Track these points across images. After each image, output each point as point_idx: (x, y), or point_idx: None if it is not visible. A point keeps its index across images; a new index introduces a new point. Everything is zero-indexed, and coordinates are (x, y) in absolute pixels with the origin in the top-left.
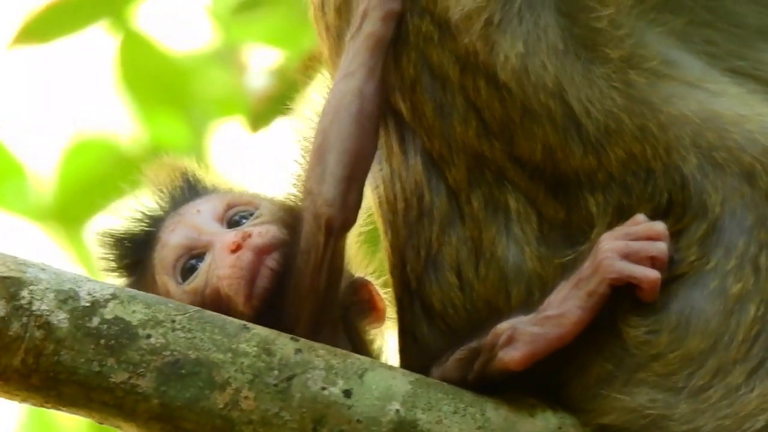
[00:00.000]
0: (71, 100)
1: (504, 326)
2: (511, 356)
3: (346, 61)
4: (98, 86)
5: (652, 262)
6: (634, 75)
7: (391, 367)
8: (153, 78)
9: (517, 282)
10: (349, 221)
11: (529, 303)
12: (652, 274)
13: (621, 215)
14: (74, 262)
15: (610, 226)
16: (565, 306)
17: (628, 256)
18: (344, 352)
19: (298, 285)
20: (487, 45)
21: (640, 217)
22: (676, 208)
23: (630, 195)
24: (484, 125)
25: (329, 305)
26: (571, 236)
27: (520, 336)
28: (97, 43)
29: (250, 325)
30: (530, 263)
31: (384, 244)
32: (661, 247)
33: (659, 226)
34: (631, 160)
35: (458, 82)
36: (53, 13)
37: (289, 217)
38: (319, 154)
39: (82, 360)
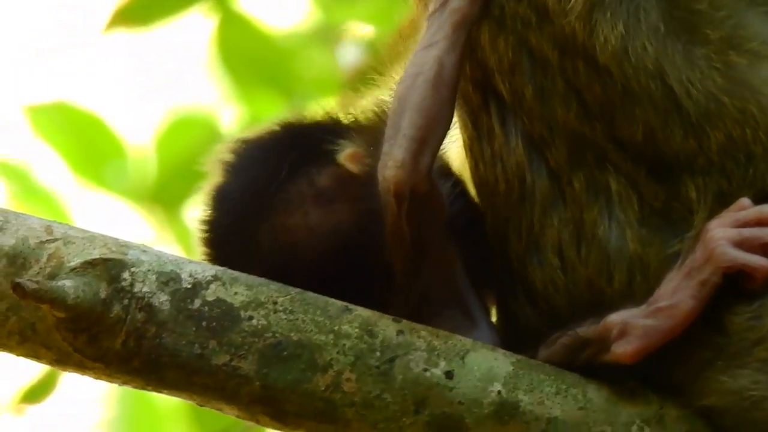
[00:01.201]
0: (171, 82)
1: (615, 319)
2: (624, 350)
3: (429, 33)
4: (197, 68)
5: (764, 249)
6: (734, 56)
7: (493, 348)
8: (252, 58)
9: (619, 264)
10: (419, 186)
11: (632, 286)
12: (766, 263)
13: (722, 201)
14: (173, 243)
15: (711, 212)
16: (677, 297)
17: (741, 244)
18: (446, 333)
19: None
20: (587, 27)
21: (746, 201)
22: None
23: (730, 180)
24: (585, 107)
25: (427, 250)
26: (671, 221)
27: (633, 330)
28: (196, 26)
29: (351, 306)
30: (631, 245)
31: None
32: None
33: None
34: (731, 144)
35: (558, 65)
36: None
37: None
38: (394, 118)
39: (184, 342)
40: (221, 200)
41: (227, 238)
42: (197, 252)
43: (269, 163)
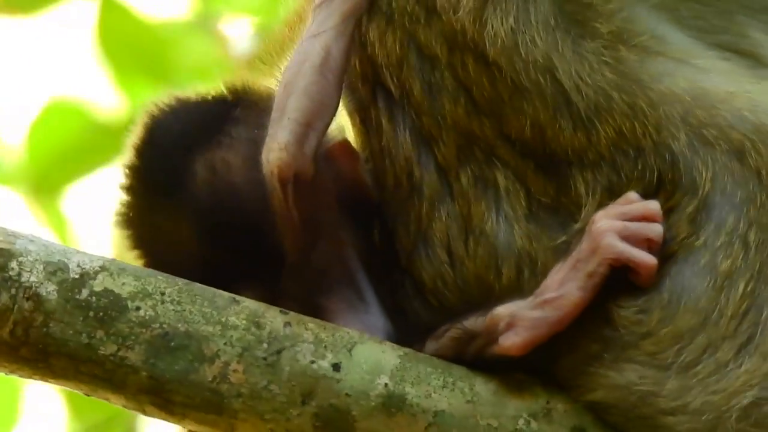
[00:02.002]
0: (51, 70)
1: (503, 312)
2: (512, 342)
3: (316, 22)
4: (78, 56)
5: (649, 244)
6: (624, 51)
7: (380, 341)
8: (132, 46)
9: (507, 259)
10: (304, 170)
11: (520, 281)
12: (651, 260)
13: (611, 195)
14: (50, 230)
15: (599, 206)
16: (564, 288)
17: (627, 238)
18: (333, 326)
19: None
20: (477, 22)
21: (633, 195)
22: (666, 185)
23: (620, 174)
24: (474, 103)
25: (318, 231)
26: (560, 215)
27: (520, 321)
28: (77, 14)
29: (239, 298)
30: (520, 241)
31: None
32: (657, 230)
33: (654, 206)
34: (621, 138)
35: (446, 61)
36: None
37: None
38: (279, 102)
39: (71, 332)
40: (149, 140)
41: (152, 176)
42: (73, 240)
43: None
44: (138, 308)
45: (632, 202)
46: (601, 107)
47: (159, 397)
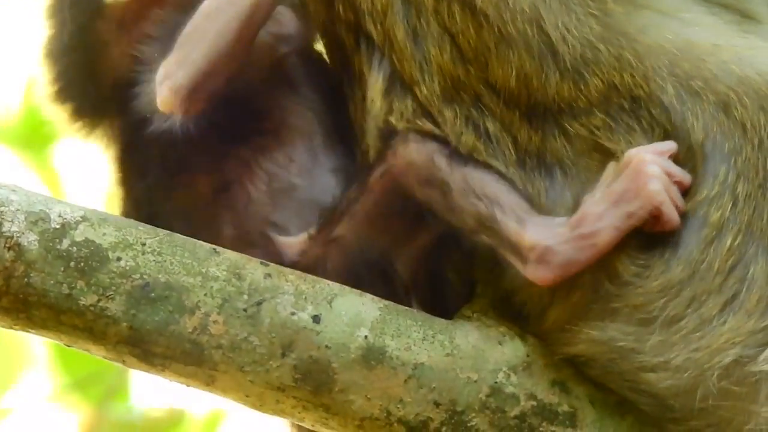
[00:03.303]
0: None
1: (537, 239)
2: (543, 275)
3: None
4: None
5: (680, 187)
6: (611, 3)
7: (360, 294)
8: None
9: None
10: (190, 110)
11: None
12: (677, 220)
13: (598, 148)
14: (41, 184)
15: (586, 155)
16: (601, 223)
17: (665, 178)
18: (314, 278)
19: None
20: None
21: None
22: (662, 135)
23: (615, 122)
24: (459, 51)
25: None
26: (546, 164)
27: (554, 256)
28: None
29: (220, 249)
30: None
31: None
32: (688, 176)
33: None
34: (612, 89)
35: (432, 8)
36: None
37: None
38: (191, 34)
39: (52, 282)
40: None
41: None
42: (64, 195)
43: None
44: (119, 259)
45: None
46: (587, 59)
47: (139, 348)
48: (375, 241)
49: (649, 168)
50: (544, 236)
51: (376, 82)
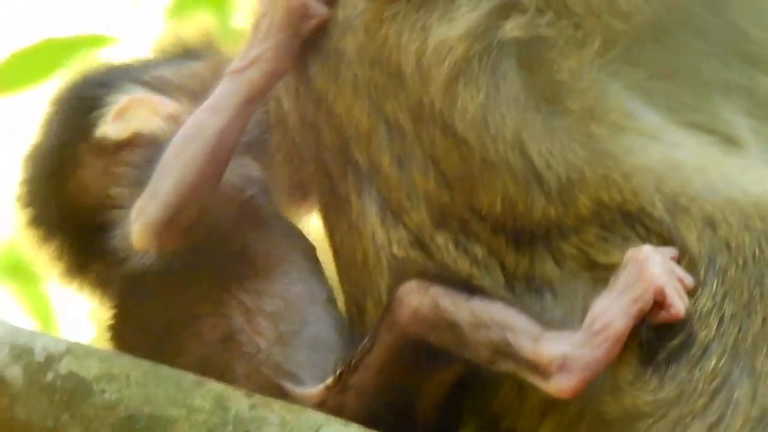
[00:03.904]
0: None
1: (555, 351)
2: (567, 385)
3: (220, 94)
4: None
5: (682, 285)
6: (595, 127)
7: (345, 423)
8: None
9: None
10: (167, 245)
11: None
12: (682, 308)
13: (589, 264)
14: (30, 314)
15: (578, 275)
16: (610, 315)
17: (668, 270)
18: (299, 407)
19: None
20: (447, 96)
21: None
22: (660, 244)
23: (611, 233)
24: (444, 177)
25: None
26: (535, 288)
27: (574, 363)
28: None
29: (204, 380)
30: None
31: (341, 296)
32: (689, 277)
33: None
34: (601, 206)
35: (414, 133)
36: (18, 62)
37: None
38: (159, 173)
39: (37, 415)
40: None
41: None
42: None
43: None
44: (103, 391)
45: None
46: (573, 181)
47: None
48: (393, 387)
49: (650, 256)
50: (560, 347)
51: (369, 213)
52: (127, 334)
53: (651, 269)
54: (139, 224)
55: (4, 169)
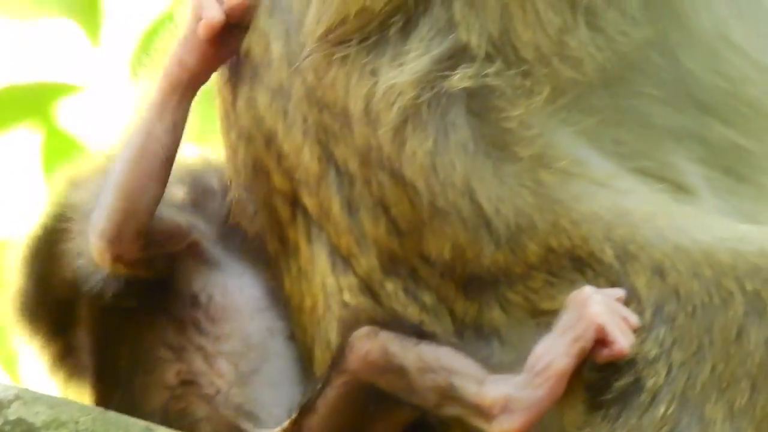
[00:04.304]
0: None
1: (496, 394)
2: (510, 426)
3: (152, 98)
4: (24, 182)
5: (626, 324)
6: (544, 174)
7: None
8: None
9: None
10: (124, 254)
11: None
12: (627, 344)
13: (532, 312)
14: None
15: (521, 324)
16: (550, 355)
17: (609, 308)
18: None
19: None
20: (396, 140)
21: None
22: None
23: (558, 278)
24: (393, 223)
25: None
26: (483, 334)
27: (516, 403)
28: (22, 141)
29: (153, 426)
30: None
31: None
32: (634, 317)
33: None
34: (550, 252)
35: (364, 178)
36: None
37: None
38: (104, 187)
39: None
40: None
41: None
42: None
43: None
44: None
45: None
46: (522, 227)
47: None
48: (345, 430)
49: (591, 296)
50: (503, 389)
51: (319, 259)
52: (96, 384)
53: (591, 308)
54: (93, 238)
55: None
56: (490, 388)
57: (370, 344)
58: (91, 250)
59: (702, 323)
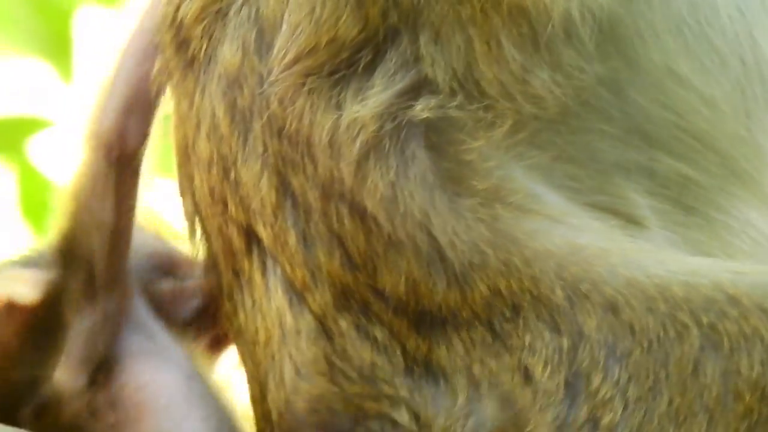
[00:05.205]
0: None
1: None
2: None
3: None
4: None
5: None
6: (500, 208)
7: None
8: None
9: None
10: (128, 149)
11: None
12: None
13: (487, 352)
14: None
15: (473, 366)
16: None
17: None
18: None
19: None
20: (358, 173)
21: None
22: (546, 345)
23: (495, 334)
24: (348, 256)
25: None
26: (434, 373)
27: None
28: None
29: None
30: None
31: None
32: None
33: None
34: (497, 296)
35: (321, 210)
36: None
37: None
38: (104, 88)
39: None
40: None
41: None
42: None
43: None
44: None
45: None
46: (474, 264)
47: None
48: None
49: None
50: None
51: (275, 293)
52: None
53: None
54: (97, 134)
55: None
56: None
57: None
58: (96, 152)
59: (658, 358)
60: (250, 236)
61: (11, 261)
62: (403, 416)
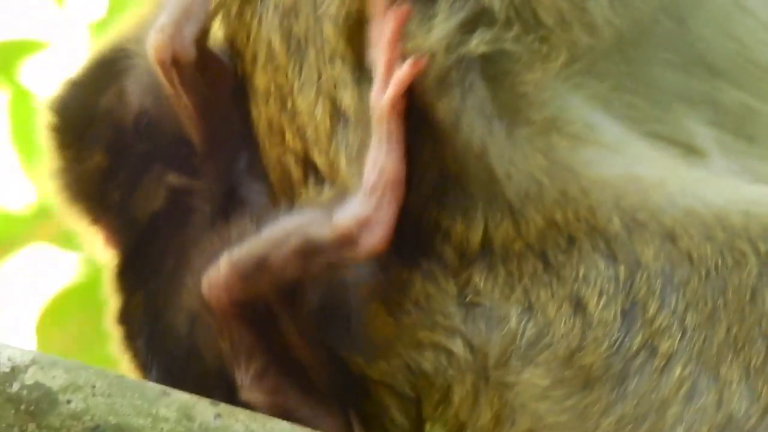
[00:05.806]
0: None
1: (346, 221)
2: (374, 239)
3: None
4: None
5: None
6: (556, 138)
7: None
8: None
9: None
10: (182, 53)
11: None
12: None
13: (536, 281)
14: None
15: (525, 299)
16: (378, 163)
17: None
18: (264, 416)
19: None
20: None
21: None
22: (603, 276)
23: (548, 265)
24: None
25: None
26: (484, 305)
27: (367, 220)
28: None
29: (169, 389)
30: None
31: None
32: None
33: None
34: (551, 228)
35: None
36: None
37: None
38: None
39: (3, 425)
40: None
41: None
42: None
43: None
44: (69, 401)
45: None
46: (531, 194)
47: None
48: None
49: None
50: (351, 212)
51: None
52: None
53: (379, 103)
54: (152, 34)
55: None
56: (339, 219)
57: (218, 272)
58: (151, 50)
59: (716, 286)
60: (307, 165)
61: None
62: (458, 346)
